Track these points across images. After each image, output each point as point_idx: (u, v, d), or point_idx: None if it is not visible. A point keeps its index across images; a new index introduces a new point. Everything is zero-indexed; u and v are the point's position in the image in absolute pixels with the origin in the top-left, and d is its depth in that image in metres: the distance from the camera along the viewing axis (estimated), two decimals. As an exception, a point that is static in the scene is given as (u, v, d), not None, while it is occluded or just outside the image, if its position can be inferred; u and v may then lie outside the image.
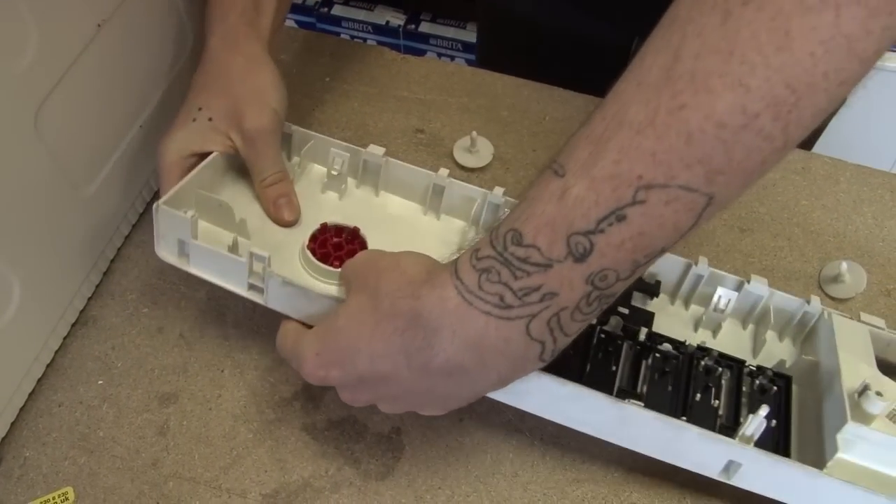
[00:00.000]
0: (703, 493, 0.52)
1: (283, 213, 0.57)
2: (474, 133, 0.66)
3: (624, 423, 0.49)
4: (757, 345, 0.57)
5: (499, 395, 0.51)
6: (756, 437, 0.48)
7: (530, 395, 0.51)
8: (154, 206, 0.51)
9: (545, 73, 0.76)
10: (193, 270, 0.52)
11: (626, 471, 0.53)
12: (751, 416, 0.48)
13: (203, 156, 0.57)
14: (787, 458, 0.48)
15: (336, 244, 0.56)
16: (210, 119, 0.56)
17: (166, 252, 0.53)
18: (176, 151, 0.56)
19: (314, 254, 0.55)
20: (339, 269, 0.53)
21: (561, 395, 0.49)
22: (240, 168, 0.60)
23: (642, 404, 0.49)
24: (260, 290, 0.51)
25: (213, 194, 0.55)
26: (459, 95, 0.73)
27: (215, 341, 0.58)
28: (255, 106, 0.55)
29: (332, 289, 0.54)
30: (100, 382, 0.56)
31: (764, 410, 0.47)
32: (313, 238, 0.56)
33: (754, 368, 0.55)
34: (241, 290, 0.51)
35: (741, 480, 0.49)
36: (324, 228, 0.56)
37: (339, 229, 0.57)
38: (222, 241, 0.54)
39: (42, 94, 0.49)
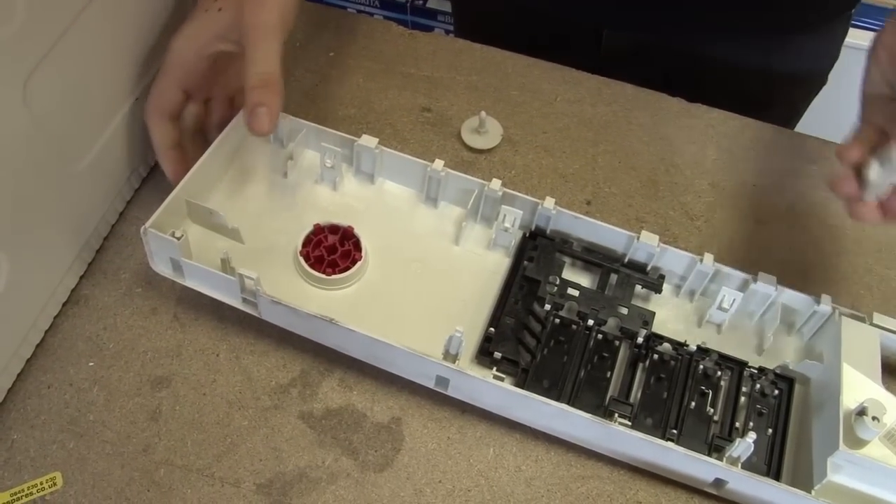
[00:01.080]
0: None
1: (254, 123, 0.51)
2: (483, 113, 0.64)
3: (611, 440, 0.50)
4: (762, 342, 0.56)
5: (489, 406, 0.51)
6: (743, 458, 0.48)
7: (518, 409, 0.50)
8: (142, 229, 0.51)
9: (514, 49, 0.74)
10: (189, 284, 0.53)
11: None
12: (738, 439, 0.48)
13: (212, 56, 0.54)
14: (773, 481, 0.48)
15: (330, 246, 0.55)
16: (220, 10, 0.52)
17: (161, 266, 0.54)
18: (184, 49, 0.53)
19: (307, 259, 0.54)
20: (334, 276, 0.53)
21: (547, 413, 0.49)
22: (231, 170, 0.59)
23: (629, 423, 0.50)
24: (254, 304, 0.52)
25: (203, 203, 0.55)
26: (468, 73, 0.71)
27: (210, 324, 0.56)
28: None
29: (327, 295, 0.55)
30: (91, 364, 0.54)
31: (752, 437, 0.47)
32: (307, 241, 0.55)
33: (756, 371, 0.54)
34: (237, 303, 0.52)
35: (731, 495, 0.50)
36: (317, 230, 0.55)
37: (333, 229, 0.56)
38: (217, 246, 0.55)
39: (31, 64, 0.47)
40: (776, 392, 0.53)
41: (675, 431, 0.51)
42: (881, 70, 0.47)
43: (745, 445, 0.47)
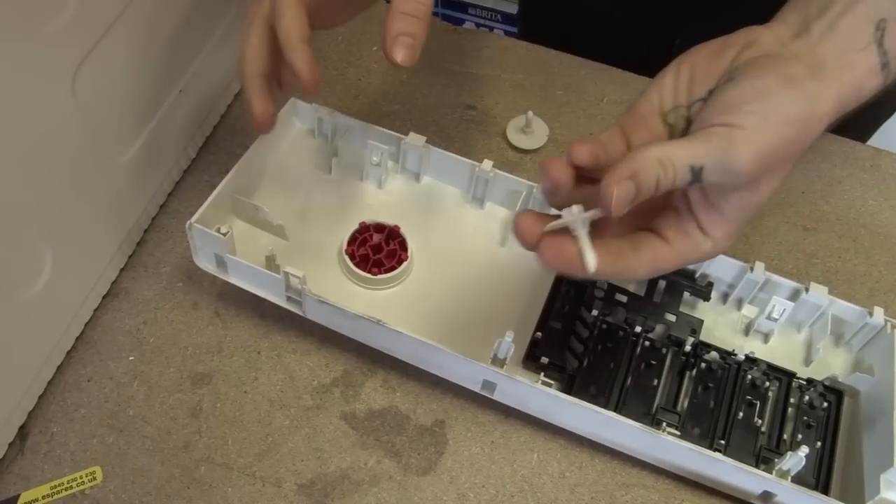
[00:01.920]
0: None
1: (396, 52, 0.45)
2: (530, 113, 0.63)
3: (659, 449, 0.49)
4: (810, 353, 0.55)
5: (535, 411, 0.51)
6: (794, 472, 0.47)
7: (564, 415, 0.50)
8: (187, 224, 0.50)
9: (583, 55, 0.72)
10: (233, 281, 0.52)
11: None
12: (789, 453, 0.47)
13: None
14: (823, 496, 0.46)
15: (375, 245, 0.54)
16: None
17: (205, 262, 0.53)
18: None
19: (352, 258, 0.54)
20: (379, 276, 0.53)
21: (595, 421, 0.48)
22: (276, 165, 0.59)
23: (678, 433, 0.48)
24: (298, 303, 0.51)
25: (248, 199, 0.54)
26: (513, 72, 0.69)
27: (252, 320, 0.55)
28: None
29: (371, 295, 0.54)
30: (131, 358, 0.54)
31: (804, 451, 0.46)
32: (352, 240, 0.54)
33: (804, 382, 0.53)
34: (281, 302, 0.52)
35: None
36: (363, 228, 0.55)
37: (378, 227, 0.55)
38: (261, 243, 0.55)
39: (80, 56, 0.46)
40: (825, 404, 0.52)
41: (722, 442, 0.50)
42: (674, 86, 0.41)
43: (796, 459, 0.46)
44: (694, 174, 0.36)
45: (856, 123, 0.74)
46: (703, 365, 0.53)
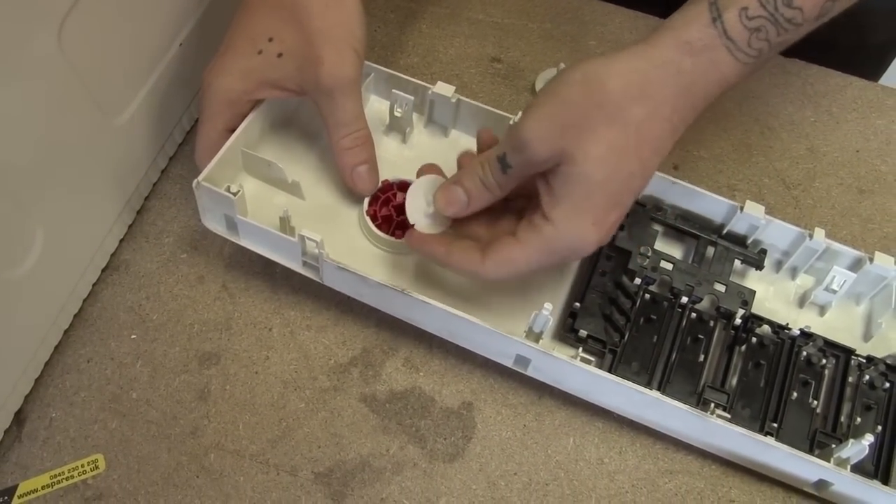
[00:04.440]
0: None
1: (360, 185, 0.50)
2: (562, 65, 0.58)
3: (707, 433, 0.46)
4: (870, 328, 0.51)
5: (572, 389, 0.48)
6: (854, 461, 0.44)
7: (605, 394, 0.47)
8: (194, 182, 0.46)
9: None
10: (244, 243, 0.49)
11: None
12: (851, 440, 0.43)
13: (258, 100, 0.49)
14: (883, 486, 0.43)
15: (399, 205, 0.50)
16: (280, 55, 0.46)
17: (213, 224, 0.49)
18: (230, 90, 0.47)
19: (374, 219, 0.50)
20: (403, 240, 0.48)
21: (639, 402, 0.45)
22: (290, 118, 0.54)
23: (728, 415, 0.45)
24: (315, 269, 0.47)
25: (260, 154, 0.50)
26: (542, 21, 0.64)
27: (263, 295, 0.52)
28: (335, 47, 0.45)
29: (395, 259, 0.50)
30: (133, 337, 0.50)
31: (868, 439, 0.43)
32: (374, 199, 0.51)
33: (863, 359, 0.49)
34: (296, 266, 0.48)
35: (834, 497, 0.46)
36: (386, 187, 0.50)
37: (402, 186, 0.51)
38: (275, 202, 0.51)
39: (66, 4, 0.42)
40: (886, 385, 0.48)
41: (774, 425, 0.46)
42: None
43: (858, 448, 0.43)
44: (501, 161, 0.42)
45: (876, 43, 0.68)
46: (753, 340, 0.49)
